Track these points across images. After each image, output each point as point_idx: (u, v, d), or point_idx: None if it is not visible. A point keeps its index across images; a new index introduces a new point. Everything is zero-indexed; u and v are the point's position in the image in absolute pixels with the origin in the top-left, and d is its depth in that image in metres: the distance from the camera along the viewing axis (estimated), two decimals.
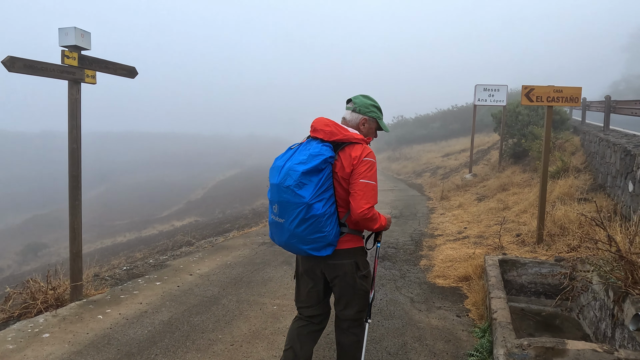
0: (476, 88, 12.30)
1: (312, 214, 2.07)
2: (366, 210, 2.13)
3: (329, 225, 2.11)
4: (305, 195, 2.06)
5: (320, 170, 2.11)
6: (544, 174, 5.48)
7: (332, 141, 2.22)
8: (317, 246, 2.13)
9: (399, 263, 5.48)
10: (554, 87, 5.36)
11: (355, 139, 2.25)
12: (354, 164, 2.18)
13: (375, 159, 2.28)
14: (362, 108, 2.42)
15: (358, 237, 2.33)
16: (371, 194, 2.17)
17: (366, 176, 2.16)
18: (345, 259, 2.26)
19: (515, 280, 4.70)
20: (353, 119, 2.42)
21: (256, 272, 5.03)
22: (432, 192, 12.92)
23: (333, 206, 2.16)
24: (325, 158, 2.13)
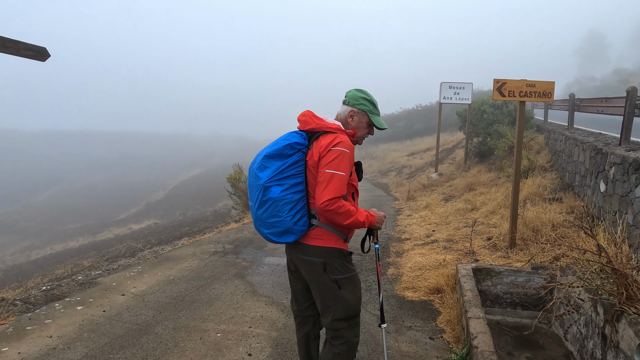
0: (442, 86, 12.07)
1: (269, 196, 2.09)
2: (327, 201, 2.01)
3: (286, 211, 2.09)
4: (262, 177, 2.09)
5: (285, 156, 2.12)
6: (517, 175, 5.14)
7: (307, 130, 2.21)
8: (275, 231, 2.13)
9: (365, 273, 4.98)
10: (527, 81, 5.02)
11: (329, 128, 2.18)
12: (320, 152, 2.09)
13: (351, 149, 2.14)
14: (351, 100, 2.31)
15: (333, 236, 2.19)
16: (336, 185, 2.03)
17: (332, 166, 2.05)
18: (313, 256, 2.18)
19: (490, 290, 4.30)
20: (342, 112, 2.34)
21: (202, 289, 4.38)
22: (399, 192, 12.60)
23: (298, 194, 2.12)
24: (290, 143, 2.12)
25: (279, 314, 3.75)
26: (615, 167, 4.94)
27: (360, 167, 2.36)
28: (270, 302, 4.03)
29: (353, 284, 2.25)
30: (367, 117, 2.30)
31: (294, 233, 2.13)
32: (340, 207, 2.03)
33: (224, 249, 6.09)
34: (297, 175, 2.12)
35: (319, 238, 2.17)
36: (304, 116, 2.24)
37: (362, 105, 2.27)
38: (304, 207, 2.14)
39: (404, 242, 6.35)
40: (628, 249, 3.35)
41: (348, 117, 2.27)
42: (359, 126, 2.29)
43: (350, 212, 2.08)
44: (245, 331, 3.39)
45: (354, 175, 2.26)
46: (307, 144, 2.16)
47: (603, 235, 3.74)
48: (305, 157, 2.14)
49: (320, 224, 2.16)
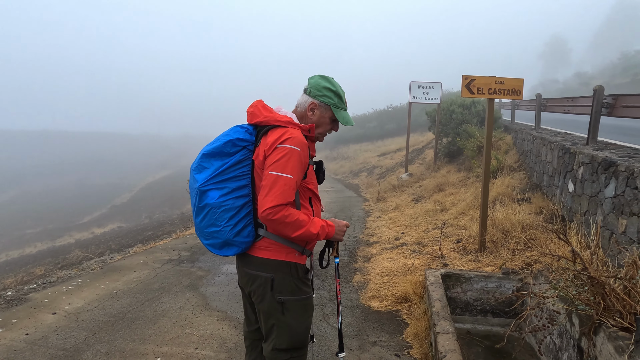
0: (411, 85, 11.95)
1: (206, 202, 1.79)
2: (269, 210, 1.69)
3: (225, 220, 1.79)
4: (198, 179, 1.80)
5: (226, 154, 1.81)
6: (486, 176, 4.96)
7: (255, 124, 1.89)
8: (214, 242, 1.84)
9: (330, 280, 4.66)
10: (496, 78, 4.85)
11: (278, 121, 1.83)
12: (265, 149, 1.79)
13: (303, 147, 1.80)
14: (313, 90, 1.95)
15: (285, 248, 1.87)
16: (281, 190, 1.71)
17: (277, 166, 1.73)
18: (260, 270, 1.86)
19: (460, 297, 4.07)
20: (302, 102, 1.98)
21: (148, 304, 3.94)
22: (369, 192, 12.39)
23: (241, 200, 1.81)
24: (232, 140, 1.81)
25: (231, 331, 3.38)
26: (584, 167, 4.82)
27: (322, 167, 2.03)
28: (223, 317, 3.64)
29: (302, 309, 1.90)
30: (330, 112, 1.95)
31: (235, 245, 1.82)
32: (285, 217, 1.71)
33: (179, 257, 5.64)
34: (241, 177, 1.82)
35: (267, 249, 1.86)
36: (252, 107, 1.91)
37: (325, 97, 1.92)
38: (249, 214, 1.83)
39: (372, 246, 6.08)
40: (602, 254, 3.17)
41: (308, 110, 1.93)
42: (320, 122, 1.95)
43: (300, 222, 1.76)
44: (189, 354, 2.99)
45: (311, 177, 1.92)
46: (254, 140, 1.86)
47: (575, 238, 3.57)
48: (251, 155, 1.84)
49: (268, 234, 1.85)
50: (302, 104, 1.96)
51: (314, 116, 1.94)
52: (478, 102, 11.98)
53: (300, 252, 1.91)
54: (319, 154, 33.23)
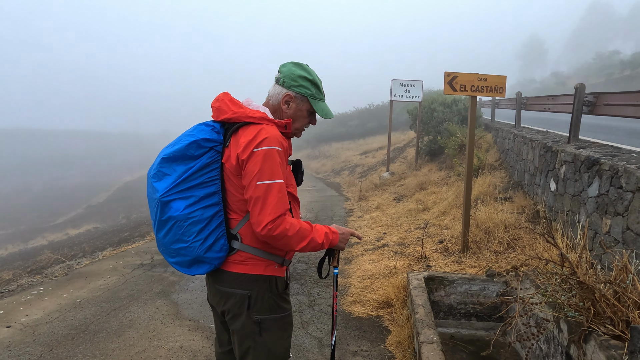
0: (392, 83, 11.86)
1: (169, 215, 1.55)
2: (270, 224, 1.49)
3: (194, 234, 1.55)
4: (158, 189, 1.56)
5: (190, 158, 1.57)
6: (469, 174, 4.85)
7: (222, 121, 1.65)
8: (182, 260, 1.61)
9: (310, 284, 4.48)
10: (478, 75, 4.74)
11: (250, 117, 1.60)
12: (239, 153, 1.54)
13: (281, 144, 1.58)
14: (287, 80, 1.71)
15: (263, 261, 1.65)
16: (276, 199, 1.50)
17: (264, 174, 1.50)
18: (234, 287, 1.63)
19: (443, 301, 3.94)
20: (275, 94, 1.74)
21: (114, 314, 3.68)
22: (351, 191, 12.26)
23: (211, 209, 1.58)
24: (197, 140, 1.57)
25: (202, 342, 3.16)
26: (566, 166, 4.77)
27: (300, 166, 1.82)
28: (195, 327, 3.42)
29: (281, 329, 1.70)
30: (307, 104, 1.73)
31: (206, 262, 1.60)
32: (287, 229, 1.51)
33: (151, 261, 5.36)
34: (209, 183, 1.59)
35: (243, 263, 1.64)
36: (218, 101, 1.67)
37: (301, 87, 1.70)
38: (220, 225, 1.61)
39: (353, 247, 5.92)
40: (590, 256, 3.08)
41: (282, 103, 1.71)
42: (296, 115, 1.73)
43: (303, 232, 1.56)
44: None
45: (289, 178, 1.71)
46: (223, 140, 1.63)
47: (561, 239, 3.48)
48: (220, 157, 1.61)
49: (245, 246, 1.63)
50: (274, 96, 1.72)
51: (290, 109, 1.71)
52: (459, 100, 11.98)
53: (280, 264, 1.70)
54: (300, 152, 33.01)
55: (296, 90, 1.70)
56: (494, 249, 4.71)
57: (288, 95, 1.69)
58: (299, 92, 1.70)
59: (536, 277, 2.97)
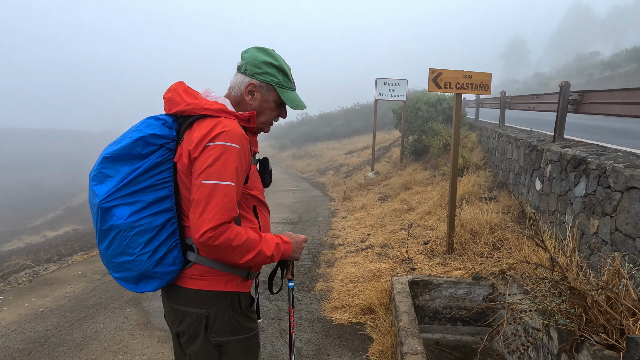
0: (377, 82, 11.74)
1: (111, 223, 1.34)
2: (210, 232, 1.27)
3: (140, 245, 1.35)
4: (98, 193, 1.34)
5: (137, 157, 1.36)
6: (454, 174, 4.72)
7: (175, 114, 1.45)
8: (127, 275, 1.40)
9: None
10: (463, 72, 4.62)
11: (206, 109, 1.39)
12: (190, 149, 1.34)
13: (241, 141, 1.37)
14: (250, 67, 1.50)
15: (224, 275, 1.44)
16: (221, 204, 1.29)
17: (212, 172, 1.30)
18: (190, 305, 1.43)
19: (428, 305, 3.80)
20: (237, 84, 1.52)
21: (78, 325, 3.42)
22: (335, 191, 12.10)
23: (161, 216, 1.38)
24: (144, 137, 1.36)
25: (172, 355, 2.94)
26: (551, 165, 4.68)
27: (267, 166, 1.61)
28: (165, 338, 3.19)
29: (245, 352, 1.49)
30: (274, 94, 1.53)
31: (156, 277, 1.40)
32: (231, 239, 1.31)
33: None
34: (159, 186, 1.38)
35: (201, 278, 1.43)
36: (170, 92, 1.46)
37: (266, 75, 1.49)
38: (173, 235, 1.41)
39: (336, 249, 5.75)
40: (579, 259, 2.97)
41: (245, 94, 1.50)
42: (262, 107, 1.52)
43: (250, 243, 1.36)
44: None
45: (255, 180, 1.51)
46: (176, 136, 1.42)
47: (549, 241, 3.36)
48: (172, 156, 1.41)
49: (201, 258, 1.43)
50: (236, 86, 1.51)
51: (255, 101, 1.51)
52: (444, 99, 11.92)
53: (245, 278, 1.49)
54: (285, 152, 32.72)
55: (261, 79, 1.49)
56: (479, 250, 4.60)
57: (251, 84, 1.48)
58: (264, 81, 1.49)
59: (524, 281, 2.84)
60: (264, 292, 4.17)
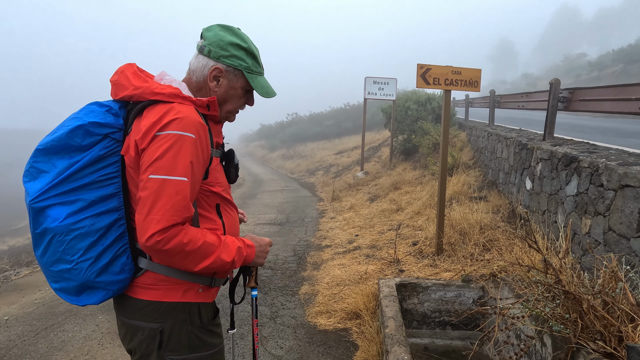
0: (366, 80, 11.62)
1: (45, 226, 1.14)
2: (158, 235, 1.09)
3: (80, 251, 1.16)
4: (30, 191, 1.15)
5: (76, 149, 1.17)
6: (443, 174, 4.59)
7: (122, 100, 1.26)
8: (66, 286, 1.20)
9: (273, 293, 4.11)
10: (452, 67, 4.49)
11: (156, 93, 1.20)
12: (137, 140, 1.16)
13: (197, 130, 1.19)
14: (214, 48, 1.30)
15: (181, 284, 1.26)
16: (171, 202, 1.11)
17: (161, 166, 1.12)
18: (142, 319, 1.24)
19: (417, 309, 3.65)
20: (199, 67, 1.32)
21: (44, 334, 3.21)
22: (324, 191, 11.94)
23: (106, 217, 1.19)
24: (83, 125, 1.17)
25: None
26: (542, 163, 4.57)
27: (233, 159, 1.42)
28: None
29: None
30: (243, 80, 1.34)
31: (101, 288, 1.22)
32: (184, 244, 1.13)
33: None
34: (104, 182, 1.21)
35: (154, 287, 1.25)
36: (117, 74, 1.27)
37: (234, 58, 1.30)
38: (121, 238, 1.23)
39: (323, 250, 5.59)
40: (572, 260, 2.84)
41: (210, 80, 1.31)
42: (229, 94, 1.34)
43: (206, 248, 1.18)
44: None
45: (217, 175, 1.33)
46: (123, 125, 1.25)
47: (542, 242, 3.24)
48: (119, 148, 1.23)
49: (155, 265, 1.25)
50: (198, 70, 1.32)
51: (220, 87, 1.33)
52: (433, 98, 11.84)
53: (209, 285, 1.32)
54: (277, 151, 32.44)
55: (227, 63, 1.30)
56: (469, 251, 4.48)
57: (217, 68, 1.30)
58: (231, 65, 1.31)
59: (516, 284, 2.71)
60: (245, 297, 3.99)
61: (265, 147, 38.36)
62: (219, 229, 1.32)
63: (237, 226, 1.44)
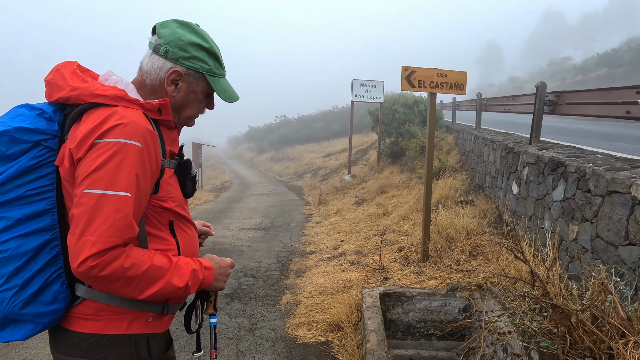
0: (353, 83, 11.53)
1: None
2: (95, 260, 0.94)
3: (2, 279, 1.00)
4: None
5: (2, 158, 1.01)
6: (428, 179, 4.49)
7: (57, 103, 1.10)
8: None
9: (254, 303, 3.95)
10: (438, 70, 4.40)
11: (97, 95, 1.05)
12: (72, 149, 1.00)
13: (144, 138, 1.04)
14: (171, 48, 1.14)
15: (126, 313, 1.10)
16: (109, 222, 0.96)
17: (99, 179, 0.97)
18: (80, 355, 1.07)
19: (401, 319, 3.53)
20: (153, 70, 1.16)
21: (6, 351, 3.00)
22: (312, 195, 11.80)
23: (35, 238, 1.02)
24: (8, 131, 1.01)
25: None
26: (529, 168, 4.50)
27: (189, 169, 1.25)
28: None
29: None
30: (204, 83, 1.20)
31: (28, 321, 1.05)
32: (125, 269, 0.98)
33: None
34: (35, 197, 1.04)
35: (94, 318, 1.09)
36: (52, 73, 1.11)
37: (195, 60, 1.16)
38: (54, 262, 1.07)
39: (308, 257, 5.45)
40: (560, 269, 2.75)
41: (167, 84, 1.16)
42: (189, 99, 1.20)
43: (153, 272, 1.04)
44: None
45: (169, 189, 1.16)
46: (59, 131, 1.09)
47: (528, 250, 3.14)
48: (54, 157, 1.07)
49: (95, 293, 1.08)
50: (153, 72, 1.16)
51: (179, 92, 1.18)
52: (420, 101, 11.80)
53: (160, 313, 1.16)
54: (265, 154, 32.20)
55: (188, 65, 1.16)
56: (455, 257, 4.38)
57: (175, 71, 1.15)
58: (192, 68, 1.16)
59: (502, 295, 2.60)
60: (224, 308, 3.83)
61: (254, 150, 38.11)
62: (172, 249, 1.17)
63: (194, 245, 1.28)
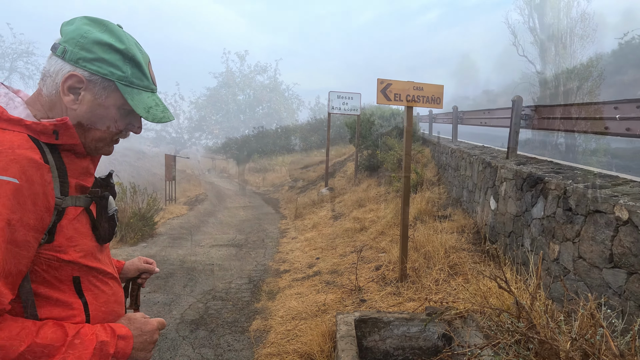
0: (330, 95, 11.41)
1: None
2: None
3: None
4: None
5: None
6: (405, 195, 4.32)
7: None
8: None
9: (221, 330, 3.66)
10: (414, 83, 4.27)
11: None
12: None
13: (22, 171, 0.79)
14: (71, 47, 0.89)
15: None
16: None
17: None
18: None
19: (378, 346, 3.31)
20: (48, 74, 0.91)
21: None
22: (288, 208, 11.54)
23: None
24: None
25: None
26: (507, 183, 4.40)
27: (105, 209, 1.00)
28: None
29: None
30: (117, 95, 0.94)
31: None
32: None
33: None
34: None
35: None
36: None
37: (100, 63, 0.91)
38: None
39: (281, 276, 5.18)
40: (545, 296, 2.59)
41: (64, 91, 0.91)
42: (95, 115, 0.94)
43: (32, 354, 0.78)
44: None
45: (75, 235, 0.91)
46: None
47: (510, 273, 2.99)
48: None
49: None
50: (49, 78, 0.91)
51: (81, 104, 0.92)
52: (397, 113, 11.79)
53: None
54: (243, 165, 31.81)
55: (92, 69, 0.90)
56: (434, 277, 4.21)
57: (74, 76, 0.90)
58: (97, 72, 0.91)
59: (486, 326, 2.42)
60: (188, 337, 3.52)
61: (231, 161, 37.57)
62: (78, 314, 0.91)
63: (114, 305, 1.01)
